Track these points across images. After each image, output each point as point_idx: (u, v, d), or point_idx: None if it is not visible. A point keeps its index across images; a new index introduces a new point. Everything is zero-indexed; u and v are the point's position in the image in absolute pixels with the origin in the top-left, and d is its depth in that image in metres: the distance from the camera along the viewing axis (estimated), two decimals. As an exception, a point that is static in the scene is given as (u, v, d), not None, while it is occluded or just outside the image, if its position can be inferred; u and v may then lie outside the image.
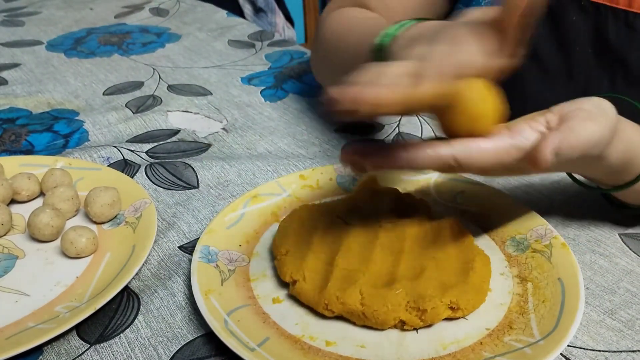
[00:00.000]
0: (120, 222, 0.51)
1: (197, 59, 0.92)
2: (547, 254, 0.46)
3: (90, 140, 0.67)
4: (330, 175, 0.57)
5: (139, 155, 0.64)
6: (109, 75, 0.86)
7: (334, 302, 0.40)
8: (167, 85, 0.82)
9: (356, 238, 0.46)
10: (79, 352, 0.40)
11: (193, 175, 0.60)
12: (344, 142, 0.66)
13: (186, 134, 0.68)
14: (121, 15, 1.15)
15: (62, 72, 0.87)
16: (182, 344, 0.40)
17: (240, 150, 0.65)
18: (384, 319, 0.40)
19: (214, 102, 0.77)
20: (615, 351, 0.39)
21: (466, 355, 0.38)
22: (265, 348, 0.38)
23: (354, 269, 0.43)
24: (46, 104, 0.77)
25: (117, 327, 0.42)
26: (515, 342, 0.39)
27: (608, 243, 0.49)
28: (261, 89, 0.81)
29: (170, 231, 0.52)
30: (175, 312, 0.43)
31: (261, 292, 0.44)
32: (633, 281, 0.45)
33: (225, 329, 0.39)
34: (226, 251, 0.47)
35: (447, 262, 0.44)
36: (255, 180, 0.59)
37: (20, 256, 0.48)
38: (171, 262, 0.48)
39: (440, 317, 0.40)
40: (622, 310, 0.43)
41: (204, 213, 0.54)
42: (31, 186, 0.54)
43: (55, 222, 0.49)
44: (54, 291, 0.44)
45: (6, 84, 0.83)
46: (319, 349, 0.39)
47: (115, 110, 0.74)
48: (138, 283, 0.46)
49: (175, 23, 1.10)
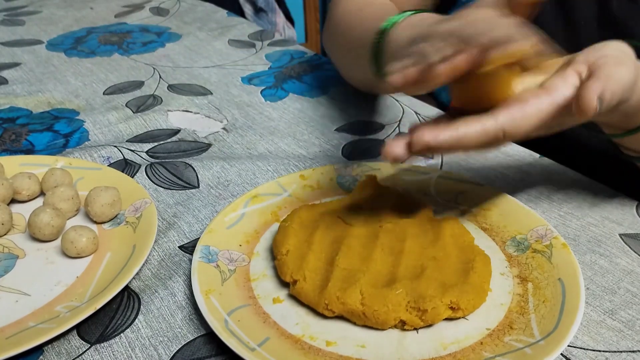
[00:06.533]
0: (121, 221, 0.51)
1: (197, 59, 0.92)
2: (547, 254, 0.46)
3: (90, 140, 0.67)
4: (331, 176, 0.57)
5: (140, 155, 0.64)
6: (109, 75, 0.86)
7: (335, 302, 0.40)
8: (167, 85, 0.82)
9: (356, 238, 0.46)
10: (80, 352, 0.40)
11: (193, 175, 0.60)
12: (344, 142, 0.66)
13: (186, 134, 0.68)
14: (121, 14, 1.15)
15: (63, 72, 0.87)
16: (183, 344, 0.40)
17: (240, 150, 0.65)
18: (384, 319, 0.40)
19: (214, 101, 0.77)
20: (615, 351, 0.39)
21: (466, 355, 0.38)
22: (266, 348, 0.38)
23: (355, 269, 0.43)
24: (46, 104, 0.77)
25: (118, 327, 0.42)
26: (515, 342, 0.39)
27: (608, 243, 0.49)
28: (261, 88, 0.81)
29: (170, 231, 0.52)
30: (176, 312, 0.43)
31: (261, 292, 0.44)
32: (633, 281, 0.45)
33: (226, 329, 0.39)
34: (226, 251, 0.47)
35: (448, 262, 0.44)
36: (256, 180, 0.59)
37: (21, 256, 0.48)
38: (171, 262, 0.48)
39: (441, 317, 0.40)
40: (622, 311, 0.43)
41: (204, 213, 0.54)
42: (31, 186, 0.54)
43: (55, 222, 0.49)
44: (55, 291, 0.44)
45: (6, 84, 0.83)
46: (320, 349, 0.39)
47: (116, 109, 0.74)
48: (138, 283, 0.46)
49: (175, 22, 1.10)
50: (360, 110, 0.73)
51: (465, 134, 0.38)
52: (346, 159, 0.63)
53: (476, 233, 0.49)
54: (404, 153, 0.39)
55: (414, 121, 0.70)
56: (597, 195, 0.55)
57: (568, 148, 0.63)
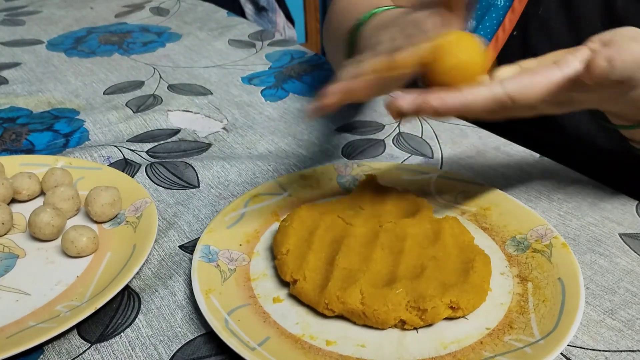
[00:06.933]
0: (121, 221, 0.51)
1: (197, 59, 0.92)
2: (547, 253, 0.46)
3: (90, 140, 0.67)
4: (331, 175, 0.57)
5: (140, 155, 0.64)
6: (110, 75, 0.86)
7: (335, 302, 0.40)
8: (167, 85, 0.82)
9: (357, 238, 0.46)
10: (80, 351, 0.40)
11: (193, 175, 0.60)
12: (344, 142, 0.66)
13: (187, 134, 0.68)
14: (121, 14, 1.15)
15: (63, 72, 0.87)
16: (183, 343, 0.40)
17: (240, 149, 0.65)
18: (384, 319, 0.40)
19: (215, 101, 0.77)
20: (615, 351, 0.39)
21: (466, 354, 0.38)
22: (266, 347, 0.38)
23: (355, 268, 0.43)
24: (47, 103, 0.77)
25: (118, 326, 0.42)
26: (515, 341, 0.39)
27: (608, 243, 0.49)
28: (261, 88, 0.81)
29: (170, 230, 0.52)
30: (176, 311, 0.43)
31: (262, 292, 0.44)
32: (633, 281, 0.45)
33: (226, 329, 0.39)
34: (227, 250, 0.47)
35: (448, 262, 0.44)
36: (256, 179, 0.59)
37: (21, 255, 0.48)
38: (172, 262, 0.48)
39: (441, 317, 0.40)
40: (622, 310, 0.43)
41: (204, 212, 0.54)
42: (32, 185, 0.54)
43: (55, 222, 0.49)
44: (55, 290, 0.44)
45: (7, 83, 0.83)
46: (320, 349, 0.39)
47: (116, 109, 0.74)
48: (139, 282, 0.46)
49: (175, 22, 1.10)
50: (360, 110, 0.73)
51: (473, 100, 0.38)
52: (346, 158, 0.63)
53: (476, 233, 0.49)
54: (409, 109, 0.39)
55: (414, 121, 0.70)
56: (597, 194, 0.55)
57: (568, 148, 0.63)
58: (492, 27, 0.67)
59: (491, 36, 0.67)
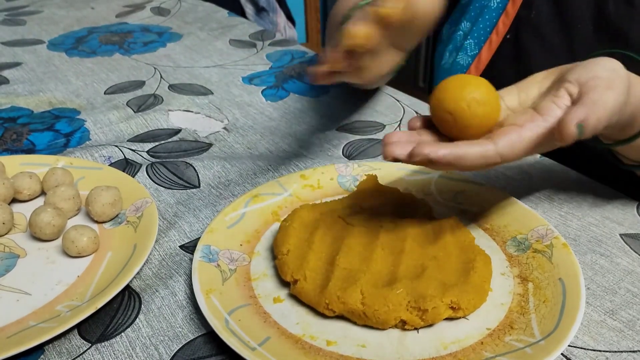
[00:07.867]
0: (122, 221, 0.51)
1: (198, 59, 0.92)
2: (548, 254, 0.46)
3: (91, 140, 0.67)
4: (331, 175, 0.57)
5: (140, 155, 0.64)
6: (110, 75, 0.86)
7: (335, 302, 0.40)
8: (168, 85, 0.82)
9: (357, 238, 0.46)
10: (80, 351, 0.40)
11: (194, 175, 0.60)
12: (345, 142, 0.66)
13: (187, 134, 0.69)
14: (122, 14, 1.15)
15: (64, 72, 0.87)
16: (183, 343, 0.40)
17: (241, 149, 0.65)
18: (384, 319, 0.40)
19: (215, 101, 0.77)
20: (616, 351, 0.39)
21: (467, 354, 0.38)
22: (266, 347, 0.38)
23: (355, 268, 0.43)
24: (47, 103, 0.77)
25: (118, 326, 0.42)
26: (516, 342, 0.39)
27: (609, 243, 0.49)
28: (262, 88, 0.81)
29: (171, 230, 0.52)
30: (177, 311, 0.43)
31: (262, 292, 0.44)
32: (634, 281, 0.45)
33: (226, 328, 0.39)
34: (227, 250, 0.47)
35: (448, 262, 0.44)
36: (256, 179, 0.59)
37: (22, 255, 0.48)
38: (172, 262, 0.48)
39: (441, 317, 0.40)
40: (623, 311, 0.43)
41: (205, 212, 0.54)
42: (32, 185, 0.54)
43: (56, 221, 0.49)
44: (55, 290, 0.44)
45: (7, 83, 0.83)
46: (320, 349, 0.39)
47: (117, 109, 0.74)
48: (139, 282, 0.46)
49: (176, 22, 1.10)
50: (360, 110, 0.73)
51: (465, 154, 0.39)
52: (346, 158, 0.63)
53: (476, 233, 0.49)
54: (404, 157, 0.40)
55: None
56: (598, 195, 0.55)
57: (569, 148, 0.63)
58: (486, 29, 0.67)
59: (485, 38, 0.67)
